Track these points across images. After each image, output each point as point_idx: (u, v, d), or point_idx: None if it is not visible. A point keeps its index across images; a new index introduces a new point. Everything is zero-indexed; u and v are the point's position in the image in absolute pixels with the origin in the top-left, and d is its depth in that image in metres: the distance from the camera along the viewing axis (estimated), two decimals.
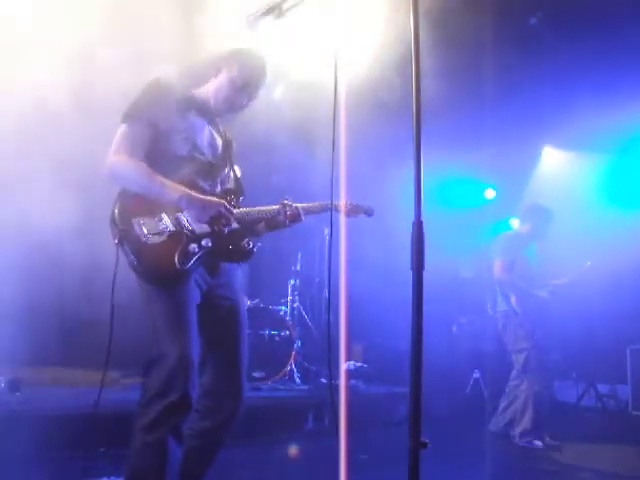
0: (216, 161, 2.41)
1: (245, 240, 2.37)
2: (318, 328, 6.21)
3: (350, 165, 2.16)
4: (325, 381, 5.67)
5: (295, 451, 4.13)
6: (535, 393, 4.64)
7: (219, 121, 2.53)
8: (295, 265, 6.32)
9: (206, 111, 2.42)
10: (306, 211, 2.50)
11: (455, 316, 7.04)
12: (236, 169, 2.57)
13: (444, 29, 4.18)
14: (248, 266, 5.84)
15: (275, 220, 2.47)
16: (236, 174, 2.55)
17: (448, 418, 5.05)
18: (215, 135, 2.45)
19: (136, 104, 2.25)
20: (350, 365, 6.07)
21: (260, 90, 2.46)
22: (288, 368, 5.68)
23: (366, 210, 2.73)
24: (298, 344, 5.82)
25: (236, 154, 2.60)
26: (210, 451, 2.32)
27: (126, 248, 2.14)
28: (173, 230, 2.17)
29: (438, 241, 2.34)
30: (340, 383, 4.03)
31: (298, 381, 5.67)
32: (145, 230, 2.14)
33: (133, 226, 2.14)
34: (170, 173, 2.23)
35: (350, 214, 2.64)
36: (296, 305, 6.15)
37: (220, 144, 2.46)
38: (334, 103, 2.00)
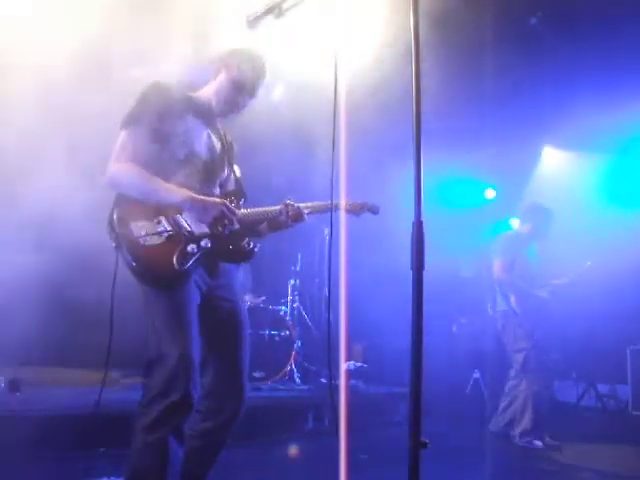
0: (214, 164, 2.40)
1: (245, 240, 2.37)
2: (318, 328, 6.21)
3: (350, 165, 2.16)
4: (325, 381, 5.66)
5: (295, 451, 4.13)
6: (534, 393, 4.64)
7: (219, 122, 2.52)
8: (295, 265, 6.32)
9: (205, 113, 2.41)
10: (310, 210, 2.49)
11: (455, 316, 7.04)
12: (236, 171, 2.56)
13: (444, 29, 4.17)
14: (249, 265, 5.85)
15: (277, 220, 2.47)
16: (237, 176, 2.55)
17: (448, 418, 5.05)
18: (214, 137, 2.43)
19: (135, 110, 2.25)
20: (350, 365, 6.07)
21: (260, 88, 2.45)
22: (288, 368, 5.68)
23: (371, 207, 2.68)
24: (298, 344, 5.82)
25: (237, 155, 2.60)
26: (212, 452, 2.32)
27: (124, 251, 2.14)
28: (171, 232, 2.17)
29: (438, 241, 2.34)
30: (340, 383, 4.03)
31: (298, 381, 5.67)
32: (143, 232, 2.14)
33: (131, 229, 2.14)
34: (168, 177, 2.23)
35: (355, 212, 2.61)
36: (296, 305, 6.15)
37: (219, 146, 2.45)
38: (334, 103, 2.00)
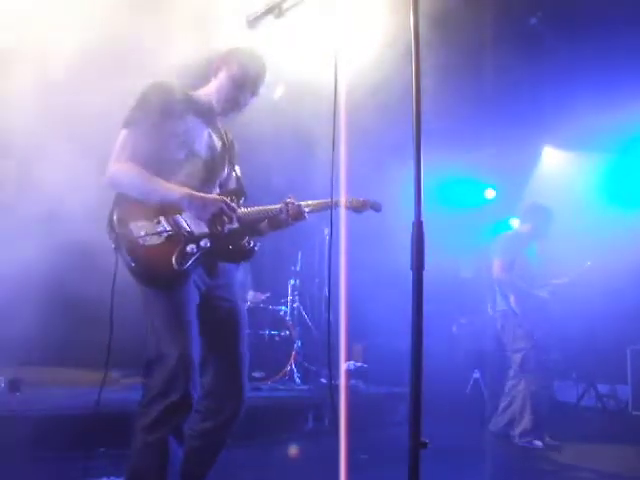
0: (214, 163, 2.40)
1: (245, 239, 2.36)
2: (318, 328, 6.21)
3: (350, 165, 2.16)
4: (325, 381, 5.66)
5: (295, 451, 4.13)
6: (533, 393, 4.64)
7: (220, 121, 2.52)
8: (295, 265, 6.32)
9: (206, 112, 2.41)
10: (311, 208, 2.48)
11: (455, 316, 7.04)
12: (237, 170, 2.56)
13: (444, 29, 4.17)
14: (249, 265, 5.85)
15: (278, 219, 2.47)
16: (237, 175, 2.55)
17: (448, 418, 5.05)
18: (214, 137, 2.43)
19: (136, 109, 2.25)
20: (350, 365, 6.07)
21: (261, 86, 2.45)
22: (288, 368, 5.68)
23: (373, 205, 2.65)
24: (298, 344, 5.82)
25: (238, 154, 2.60)
26: (212, 452, 2.32)
27: (123, 251, 2.14)
28: (171, 232, 2.17)
29: (438, 241, 2.34)
30: (340, 383, 4.03)
31: (298, 381, 5.67)
32: (143, 232, 2.13)
33: (131, 229, 2.14)
34: (168, 176, 2.23)
35: (357, 209, 2.60)
36: (296, 305, 6.15)
37: (219, 146, 2.45)
38: (334, 103, 2.00)
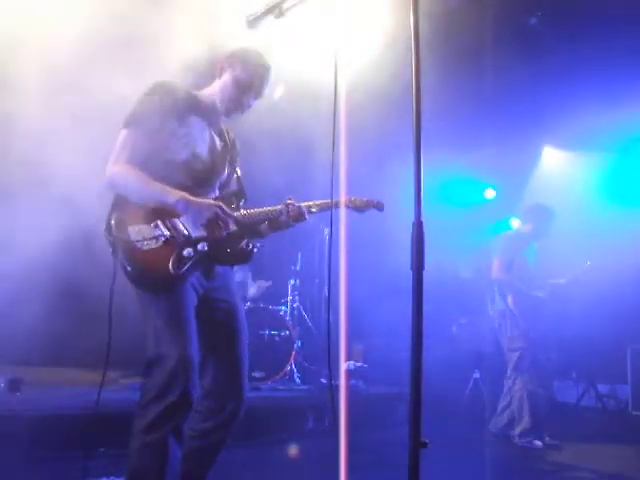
0: (215, 165, 2.39)
1: (243, 242, 2.35)
2: (318, 328, 6.20)
3: (350, 165, 2.16)
4: (325, 381, 5.65)
5: (295, 451, 4.12)
6: (530, 392, 4.65)
7: (223, 121, 2.50)
8: (295, 265, 6.31)
9: (208, 113, 2.39)
10: (316, 208, 2.46)
11: (455, 316, 7.03)
12: (238, 170, 2.55)
13: (444, 29, 4.17)
14: (248, 265, 5.84)
15: (278, 220, 2.45)
16: (238, 176, 2.53)
17: (448, 418, 5.05)
18: (215, 138, 2.42)
19: (138, 109, 2.23)
20: (350, 365, 6.06)
21: (265, 88, 2.44)
22: (288, 368, 5.68)
23: (376, 204, 2.64)
24: (298, 344, 5.82)
25: (239, 153, 2.59)
26: (211, 452, 2.32)
27: (120, 255, 2.13)
28: (168, 236, 2.16)
29: (438, 241, 2.34)
30: (340, 383, 4.02)
31: (298, 381, 5.66)
32: (140, 236, 2.13)
33: (129, 233, 2.13)
34: (167, 178, 2.22)
35: (359, 209, 2.59)
36: (296, 305, 6.15)
37: (220, 147, 2.44)
38: (334, 103, 2.00)
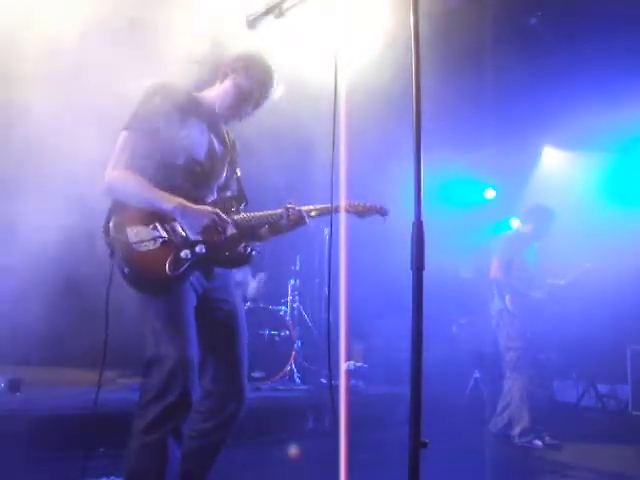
0: (213, 168, 2.37)
1: (242, 245, 2.33)
2: (318, 328, 6.21)
3: (350, 165, 2.15)
4: (325, 381, 5.65)
5: (295, 451, 4.12)
6: (528, 392, 4.65)
7: (222, 122, 2.48)
8: (295, 265, 6.32)
9: (209, 115, 2.38)
10: (316, 213, 2.43)
11: (455, 316, 7.03)
12: (238, 172, 2.53)
13: (444, 29, 4.17)
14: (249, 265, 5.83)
15: (278, 224, 2.42)
16: (239, 179, 2.51)
17: (448, 418, 5.05)
18: (215, 140, 2.40)
19: (138, 111, 2.22)
20: (350, 365, 6.06)
21: (267, 99, 2.41)
22: (288, 368, 5.68)
23: (379, 210, 2.57)
24: (298, 344, 5.82)
25: (239, 154, 2.58)
26: (211, 452, 2.32)
27: (118, 257, 2.13)
28: (166, 237, 2.15)
29: (438, 241, 2.33)
30: (340, 383, 4.02)
31: (298, 381, 5.67)
32: (138, 238, 2.12)
33: (127, 235, 2.12)
34: (165, 181, 2.21)
35: (361, 214, 2.52)
36: (296, 305, 6.15)
37: (220, 150, 2.42)
38: (334, 103, 1.99)
